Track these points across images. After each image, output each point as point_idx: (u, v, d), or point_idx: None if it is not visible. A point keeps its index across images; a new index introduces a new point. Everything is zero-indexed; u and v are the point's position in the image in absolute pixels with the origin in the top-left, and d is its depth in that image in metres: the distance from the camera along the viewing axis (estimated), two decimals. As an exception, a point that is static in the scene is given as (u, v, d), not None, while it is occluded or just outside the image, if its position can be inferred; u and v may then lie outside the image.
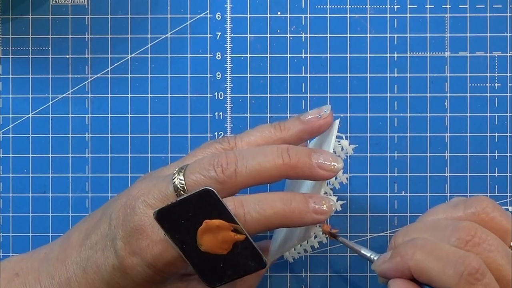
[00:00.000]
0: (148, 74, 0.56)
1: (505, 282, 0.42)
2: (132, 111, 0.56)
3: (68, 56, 0.56)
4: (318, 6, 0.56)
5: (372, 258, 0.47)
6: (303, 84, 0.56)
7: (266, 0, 0.56)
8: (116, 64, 0.56)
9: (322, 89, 0.56)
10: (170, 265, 0.45)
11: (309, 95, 0.56)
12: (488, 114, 0.55)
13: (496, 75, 0.56)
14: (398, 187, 0.55)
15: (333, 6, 0.56)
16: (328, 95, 0.56)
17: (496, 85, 0.56)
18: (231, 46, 0.56)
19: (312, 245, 0.50)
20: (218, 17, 0.56)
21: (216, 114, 0.56)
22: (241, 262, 0.45)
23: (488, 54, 0.56)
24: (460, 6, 0.56)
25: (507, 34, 0.56)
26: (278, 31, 0.56)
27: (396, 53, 0.56)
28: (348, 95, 0.56)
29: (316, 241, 0.50)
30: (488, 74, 0.56)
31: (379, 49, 0.56)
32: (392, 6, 0.56)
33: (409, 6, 0.56)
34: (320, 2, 0.56)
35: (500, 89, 0.56)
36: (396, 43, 0.56)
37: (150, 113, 0.56)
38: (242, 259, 0.45)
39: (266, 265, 0.45)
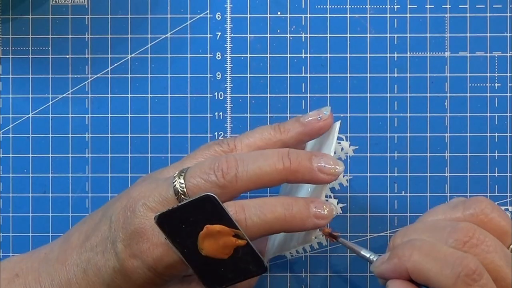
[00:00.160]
0: (148, 74, 0.56)
1: (503, 283, 0.42)
2: (132, 111, 0.56)
3: (68, 56, 0.56)
4: (318, 6, 0.56)
5: (371, 259, 0.47)
6: (303, 84, 0.56)
7: (266, 0, 0.56)
8: (116, 64, 0.56)
9: (322, 89, 0.56)
10: (170, 268, 0.45)
11: (309, 95, 0.56)
12: (488, 114, 0.55)
13: (496, 75, 0.56)
14: (398, 187, 0.55)
15: (333, 6, 0.56)
16: (328, 95, 0.56)
17: (496, 85, 0.56)
18: (231, 46, 0.56)
19: (311, 244, 0.50)
20: (218, 17, 0.56)
21: (216, 114, 0.56)
22: (242, 266, 0.45)
23: (488, 54, 0.56)
24: (460, 6, 0.56)
25: (507, 34, 0.56)
26: (278, 31, 0.56)
27: (396, 53, 0.56)
28: (348, 95, 0.56)
29: (315, 241, 0.50)
30: (488, 74, 0.56)
31: (379, 49, 0.56)
32: (392, 6, 0.56)
33: (409, 6, 0.56)
34: (320, 2, 0.56)
35: (500, 89, 0.56)
36: (396, 43, 0.56)
37: (150, 113, 0.56)
38: (243, 264, 0.45)
39: (267, 269, 0.45)
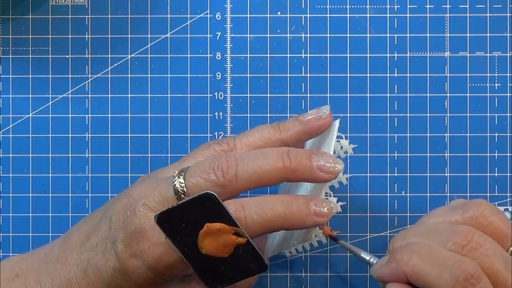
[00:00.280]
0: (148, 74, 0.56)
1: (502, 287, 0.42)
2: (132, 111, 0.56)
3: (68, 56, 0.56)
4: (318, 6, 0.56)
5: (371, 262, 0.47)
6: (303, 84, 0.56)
7: (266, 0, 0.56)
8: (116, 64, 0.56)
9: (322, 89, 0.56)
10: (171, 267, 0.45)
11: (309, 95, 0.56)
12: (488, 114, 0.55)
13: (496, 75, 0.56)
14: (398, 187, 0.55)
15: (333, 6, 0.56)
16: (328, 95, 0.56)
17: (496, 85, 0.56)
18: (231, 46, 0.56)
19: (310, 242, 0.50)
20: (218, 17, 0.56)
21: (216, 114, 0.56)
22: (242, 264, 0.45)
23: (488, 54, 0.56)
24: (460, 6, 0.56)
25: (507, 34, 0.56)
26: (278, 31, 0.56)
27: (396, 53, 0.56)
28: (348, 95, 0.56)
29: (315, 239, 0.50)
30: (488, 74, 0.56)
31: (379, 49, 0.56)
32: (392, 6, 0.56)
33: (409, 6, 0.56)
34: (320, 2, 0.56)
35: (500, 89, 0.56)
36: (396, 43, 0.56)
37: (150, 113, 0.56)
38: (243, 262, 0.45)
39: (267, 267, 0.45)
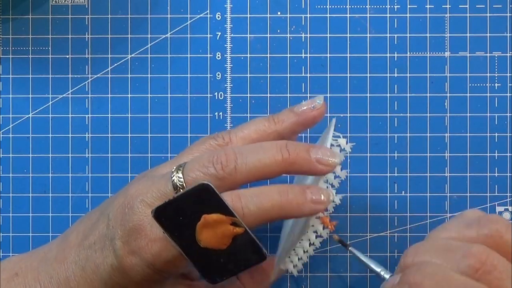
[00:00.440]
0: (148, 74, 0.56)
1: None
2: (132, 111, 0.56)
3: (68, 56, 0.56)
4: (318, 6, 0.56)
5: (382, 275, 0.47)
6: (303, 84, 0.56)
7: (266, 0, 0.56)
8: (116, 64, 0.56)
9: (322, 89, 0.56)
10: (169, 263, 0.45)
11: (309, 95, 0.56)
12: (488, 114, 0.55)
13: (496, 75, 0.56)
14: (398, 187, 0.55)
15: (333, 6, 0.56)
16: (328, 95, 0.56)
17: (496, 85, 0.56)
18: (231, 46, 0.56)
19: (313, 242, 0.50)
20: (218, 17, 0.56)
21: (216, 114, 0.56)
22: (241, 256, 0.45)
23: (488, 54, 0.56)
24: (460, 6, 0.56)
25: (507, 34, 0.56)
26: (278, 31, 0.56)
27: (396, 53, 0.56)
28: (348, 95, 0.56)
29: (312, 229, 0.50)
30: (488, 74, 0.56)
31: (379, 49, 0.56)
32: (392, 6, 0.56)
33: (409, 6, 0.56)
34: (320, 2, 0.56)
35: (500, 89, 0.56)
36: (396, 43, 0.56)
37: (150, 113, 0.56)
38: (242, 253, 0.45)
39: (266, 257, 0.45)
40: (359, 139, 0.55)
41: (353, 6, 0.56)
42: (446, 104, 0.56)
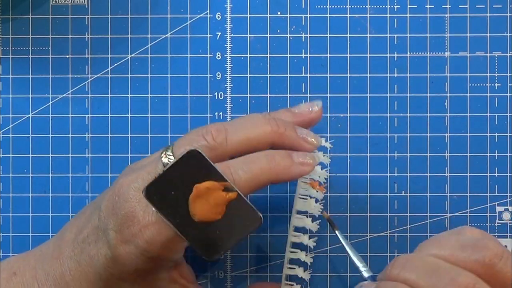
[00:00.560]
0: (148, 74, 0.56)
1: None
2: (132, 111, 0.56)
3: (68, 56, 0.56)
4: (318, 6, 0.56)
5: (361, 272, 0.47)
6: (303, 84, 0.56)
7: (266, 0, 0.56)
8: (116, 64, 0.56)
9: (322, 89, 0.56)
10: (164, 248, 0.45)
11: (309, 95, 0.56)
12: (488, 114, 0.55)
13: (496, 75, 0.56)
14: (398, 187, 0.55)
15: (333, 6, 0.56)
16: (328, 95, 0.56)
17: (496, 85, 0.56)
18: (231, 46, 0.56)
19: (307, 215, 0.50)
20: (218, 17, 0.56)
21: (216, 114, 0.56)
22: (237, 223, 0.45)
23: (488, 54, 0.56)
24: (460, 6, 0.56)
25: (507, 34, 0.56)
26: (278, 31, 0.56)
27: (396, 53, 0.56)
28: (348, 95, 0.56)
29: (303, 190, 0.49)
30: (488, 74, 0.56)
31: (379, 49, 0.56)
32: (392, 6, 0.56)
33: (409, 6, 0.56)
34: (320, 2, 0.56)
35: (500, 89, 0.56)
36: (396, 43, 0.56)
37: (150, 113, 0.56)
38: (238, 220, 0.45)
39: (262, 219, 0.45)
40: (359, 139, 0.55)
41: (353, 6, 0.56)
42: (446, 104, 0.56)
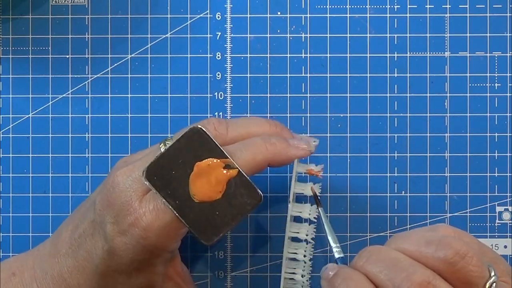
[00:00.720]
0: (148, 74, 0.56)
1: None
2: (132, 111, 0.56)
3: (68, 56, 0.56)
4: (318, 6, 0.56)
5: (334, 252, 0.47)
6: (303, 84, 0.56)
7: (266, 0, 0.56)
8: (116, 64, 0.56)
9: (322, 89, 0.56)
10: (161, 234, 0.45)
11: (309, 95, 0.56)
12: (488, 114, 0.55)
13: (496, 75, 0.56)
14: (398, 187, 0.55)
15: (333, 6, 0.56)
16: (328, 95, 0.56)
17: (496, 85, 0.56)
18: (231, 46, 0.56)
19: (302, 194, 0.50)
20: (218, 17, 0.56)
21: (216, 114, 0.56)
22: (237, 202, 0.45)
23: (488, 54, 0.56)
24: (460, 6, 0.56)
25: (507, 34, 0.56)
26: (278, 31, 0.56)
27: (396, 53, 0.56)
28: (348, 95, 0.56)
29: (298, 170, 0.49)
30: (488, 74, 0.56)
31: (379, 49, 0.56)
32: (392, 6, 0.56)
33: (409, 6, 0.56)
34: (320, 2, 0.56)
35: (500, 89, 0.56)
36: (396, 43, 0.56)
37: (150, 113, 0.56)
38: (238, 199, 0.45)
39: (262, 198, 0.46)
40: (359, 139, 0.55)
41: (353, 6, 0.56)
42: (446, 104, 0.56)
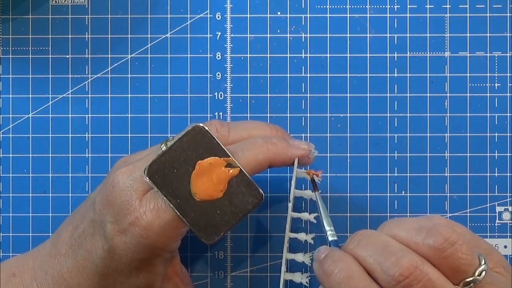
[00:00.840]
0: (148, 74, 0.56)
1: None
2: (132, 111, 0.56)
3: (68, 56, 0.56)
4: (318, 6, 0.56)
5: (326, 235, 0.46)
6: (303, 84, 0.56)
7: (266, 0, 0.56)
8: (116, 64, 0.56)
9: (322, 89, 0.56)
10: (162, 233, 0.45)
11: (309, 95, 0.56)
12: (488, 114, 0.55)
13: (496, 75, 0.56)
14: (398, 187, 0.55)
15: (333, 6, 0.56)
16: (328, 95, 0.56)
17: (496, 85, 0.56)
18: (231, 46, 0.56)
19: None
20: (218, 17, 0.56)
21: (216, 114, 0.56)
22: (238, 201, 0.45)
23: (488, 54, 0.56)
24: (460, 6, 0.56)
25: (507, 34, 0.56)
26: (278, 31, 0.56)
27: (396, 53, 0.56)
28: (348, 95, 0.56)
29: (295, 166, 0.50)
30: (488, 74, 0.56)
31: (379, 49, 0.56)
32: (392, 6, 0.56)
33: (409, 6, 0.56)
34: (320, 2, 0.56)
35: (500, 89, 0.56)
36: (396, 43, 0.56)
37: (150, 113, 0.56)
38: (239, 198, 0.45)
39: (263, 197, 0.46)
40: (359, 139, 0.55)
41: (353, 6, 0.56)
42: (446, 104, 0.56)
